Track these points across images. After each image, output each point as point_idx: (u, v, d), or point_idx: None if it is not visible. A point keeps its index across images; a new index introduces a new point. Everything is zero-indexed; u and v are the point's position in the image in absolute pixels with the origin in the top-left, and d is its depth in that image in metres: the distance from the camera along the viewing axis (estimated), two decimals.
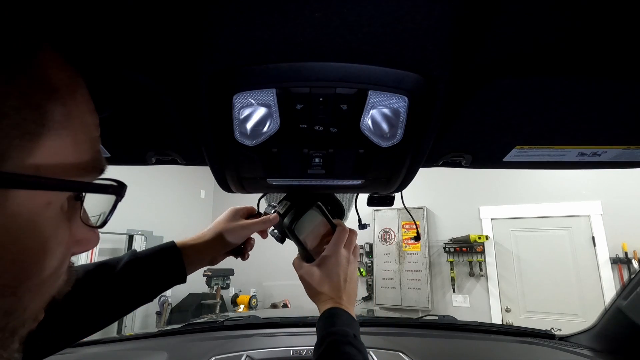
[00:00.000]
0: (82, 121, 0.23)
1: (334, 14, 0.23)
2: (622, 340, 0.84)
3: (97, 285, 0.48)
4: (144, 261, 0.52)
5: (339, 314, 0.49)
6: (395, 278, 3.75)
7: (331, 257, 0.55)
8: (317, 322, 0.50)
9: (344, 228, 0.59)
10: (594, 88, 0.31)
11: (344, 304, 0.51)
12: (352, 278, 0.56)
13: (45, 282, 0.22)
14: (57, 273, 0.23)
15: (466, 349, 0.93)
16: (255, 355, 0.86)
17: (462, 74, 0.29)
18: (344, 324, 0.48)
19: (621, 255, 3.06)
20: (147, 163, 0.47)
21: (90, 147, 0.23)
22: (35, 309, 0.22)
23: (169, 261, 0.54)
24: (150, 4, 0.23)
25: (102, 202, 0.26)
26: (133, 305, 0.52)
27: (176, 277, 0.55)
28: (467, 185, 3.78)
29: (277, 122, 0.32)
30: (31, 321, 0.22)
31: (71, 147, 0.21)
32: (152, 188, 4.26)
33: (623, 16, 0.24)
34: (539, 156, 0.44)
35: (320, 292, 0.53)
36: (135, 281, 0.51)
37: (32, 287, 0.21)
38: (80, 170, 0.22)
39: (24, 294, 0.20)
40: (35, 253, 0.21)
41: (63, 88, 0.21)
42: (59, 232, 0.22)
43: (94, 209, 0.26)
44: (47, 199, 0.21)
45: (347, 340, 0.45)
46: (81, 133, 0.22)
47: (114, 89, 0.31)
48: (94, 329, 0.48)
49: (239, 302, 4.16)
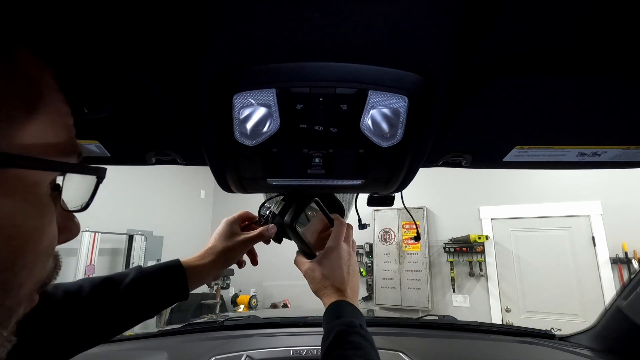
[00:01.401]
0: (57, 109, 0.25)
1: (334, 14, 0.23)
2: (622, 340, 0.84)
3: (103, 300, 0.49)
4: (149, 278, 0.53)
5: (344, 306, 0.50)
6: (395, 278, 3.75)
7: (333, 251, 0.56)
8: (323, 316, 0.50)
9: (342, 221, 0.60)
10: (594, 88, 0.31)
11: (348, 296, 0.52)
12: (354, 271, 0.57)
13: (39, 260, 0.24)
14: (48, 252, 0.25)
15: (466, 349, 0.93)
16: (255, 355, 0.86)
17: (462, 74, 0.29)
18: (350, 315, 0.48)
19: (621, 255, 3.06)
20: (147, 163, 0.47)
21: (67, 132, 0.26)
22: (30, 287, 0.24)
23: (173, 279, 0.55)
24: (151, 4, 0.23)
25: (80, 190, 0.28)
26: (136, 320, 0.53)
27: (180, 294, 0.55)
28: (467, 185, 3.78)
29: (277, 122, 0.32)
30: (27, 302, 0.24)
31: (52, 132, 0.24)
32: (152, 188, 4.26)
33: (623, 16, 0.24)
34: (539, 156, 0.44)
35: (325, 287, 0.54)
36: (141, 297, 0.52)
37: (27, 264, 0.22)
38: (62, 152, 0.24)
39: (20, 270, 0.22)
40: (28, 230, 0.22)
41: (37, 78, 0.23)
42: (48, 212, 0.24)
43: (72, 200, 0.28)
44: (35, 179, 0.23)
45: (354, 330, 0.45)
46: (58, 119, 0.25)
47: (114, 88, 0.31)
48: (97, 342, 0.49)
49: (239, 302, 4.16)
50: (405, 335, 0.99)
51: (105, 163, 0.46)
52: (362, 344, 0.43)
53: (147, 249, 3.83)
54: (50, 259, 0.26)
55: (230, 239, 0.60)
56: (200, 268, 0.58)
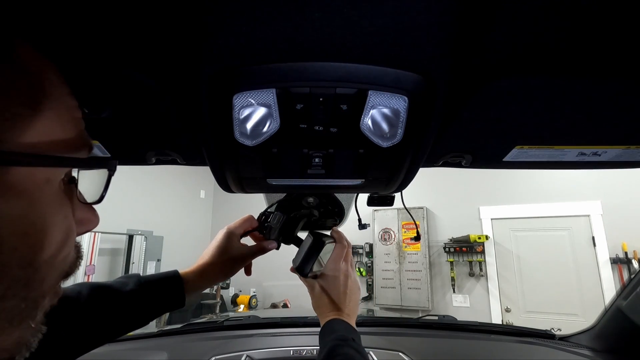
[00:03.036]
0: (64, 103, 0.24)
1: (335, 14, 0.23)
2: (622, 340, 0.84)
3: (100, 307, 0.49)
4: (148, 288, 0.54)
5: (338, 323, 0.52)
6: (395, 278, 3.75)
7: (331, 273, 0.58)
8: (319, 335, 0.52)
9: (343, 244, 0.61)
10: (594, 88, 0.31)
11: (344, 316, 0.54)
12: (352, 291, 0.58)
13: (58, 254, 0.24)
14: (67, 246, 0.25)
15: (466, 349, 0.93)
16: (255, 355, 0.86)
17: (462, 74, 0.29)
18: (344, 331, 0.50)
19: (621, 255, 3.06)
20: (147, 163, 0.47)
21: (75, 125, 0.25)
22: (52, 280, 0.24)
23: (171, 290, 0.56)
24: (151, 4, 0.23)
25: (95, 182, 0.29)
26: (133, 327, 0.53)
27: (176, 303, 0.56)
28: (467, 185, 3.78)
29: (277, 122, 0.32)
30: (52, 294, 0.25)
31: (59, 127, 0.23)
32: (152, 188, 4.26)
33: (622, 16, 0.24)
34: (539, 156, 0.44)
35: (322, 305, 0.56)
36: (139, 306, 0.53)
37: (47, 259, 0.23)
38: (71, 147, 0.24)
39: (40, 265, 0.22)
40: (43, 226, 0.22)
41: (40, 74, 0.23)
42: (62, 207, 0.24)
43: (89, 191, 0.29)
44: (46, 176, 0.22)
45: (346, 343, 0.46)
46: (65, 113, 0.24)
47: (114, 88, 0.31)
48: (92, 347, 0.50)
49: (239, 302, 4.17)
50: (405, 335, 0.99)
51: None
52: (354, 356, 0.44)
53: (147, 249, 3.83)
54: (72, 251, 0.26)
55: (229, 253, 0.59)
56: (200, 282, 0.58)
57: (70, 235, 0.25)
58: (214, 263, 0.59)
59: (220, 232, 0.62)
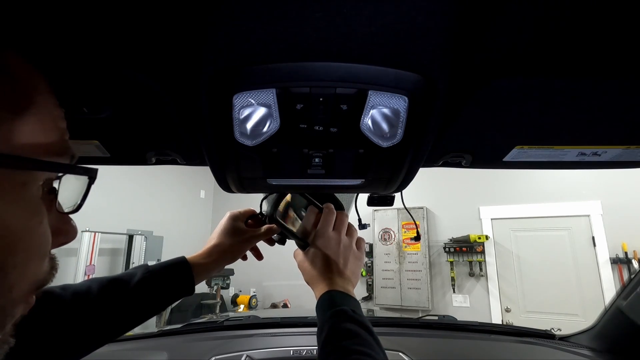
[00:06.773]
0: (47, 111, 0.25)
1: (335, 14, 0.23)
2: (622, 340, 0.84)
3: (111, 300, 0.49)
4: (156, 276, 0.54)
5: (333, 295, 0.48)
6: (395, 278, 3.76)
7: (318, 240, 0.55)
8: (315, 309, 0.49)
9: (331, 210, 0.58)
10: (594, 88, 0.31)
11: (338, 286, 0.50)
12: (346, 258, 0.55)
13: (31, 260, 0.24)
14: (41, 253, 0.25)
15: (466, 349, 0.93)
16: (255, 355, 0.86)
17: (462, 73, 0.29)
18: (339, 303, 0.47)
19: (621, 255, 3.06)
20: (147, 163, 0.47)
21: (58, 134, 0.25)
22: (23, 288, 0.24)
23: (180, 275, 0.56)
24: (151, 4, 0.23)
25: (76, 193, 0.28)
26: (144, 317, 0.53)
27: (186, 290, 0.56)
28: (467, 185, 3.78)
29: (277, 122, 0.32)
30: (22, 303, 0.24)
31: (40, 133, 0.23)
32: (152, 188, 4.26)
33: (622, 16, 0.24)
34: (539, 156, 0.44)
35: (313, 276, 0.53)
36: (149, 295, 0.52)
37: (18, 264, 0.22)
38: (51, 153, 0.24)
39: (11, 270, 0.22)
40: (17, 230, 0.22)
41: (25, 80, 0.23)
42: (38, 213, 0.24)
43: (68, 202, 0.28)
44: (23, 179, 0.22)
45: (346, 317, 0.44)
46: (49, 121, 0.24)
47: (114, 88, 0.31)
48: (105, 342, 0.50)
49: (239, 302, 4.17)
50: (405, 335, 0.99)
51: (106, 163, 0.46)
52: (356, 331, 0.42)
53: (147, 249, 3.83)
54: (45, 261, 0.25)
55: (236, 236, 0.61)
56: (206, 265, 0.58)
57: (44, 243, 0.25)
58: (221, 244, 0.60)
59: (225, 216, 0.63)
